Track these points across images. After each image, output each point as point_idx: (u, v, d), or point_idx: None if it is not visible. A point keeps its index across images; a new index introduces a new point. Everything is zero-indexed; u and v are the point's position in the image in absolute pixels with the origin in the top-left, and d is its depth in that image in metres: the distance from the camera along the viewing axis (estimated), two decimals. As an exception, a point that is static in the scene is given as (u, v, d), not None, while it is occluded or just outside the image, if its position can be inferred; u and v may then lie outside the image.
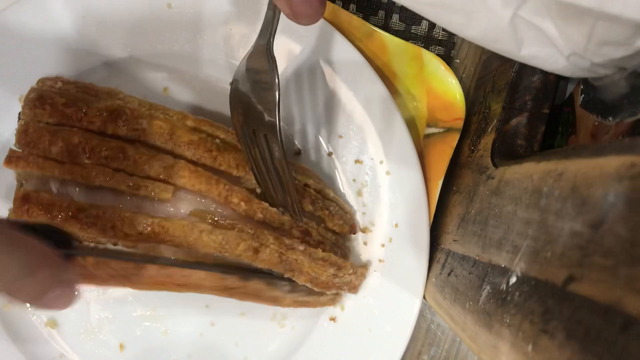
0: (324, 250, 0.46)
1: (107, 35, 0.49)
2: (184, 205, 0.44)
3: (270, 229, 0.45)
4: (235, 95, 0.41)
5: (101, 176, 0.41)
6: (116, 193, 0.43)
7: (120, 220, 0.41)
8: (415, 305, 0.49)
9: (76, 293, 0.34)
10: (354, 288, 0.48)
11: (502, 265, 0.32)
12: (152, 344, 0.51)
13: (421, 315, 0.55)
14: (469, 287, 0.37)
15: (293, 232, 0.45)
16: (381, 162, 0.50)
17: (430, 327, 0.55)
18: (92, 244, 0.43)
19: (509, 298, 0.29)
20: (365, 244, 0.50)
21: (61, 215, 0.40)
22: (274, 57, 0.40)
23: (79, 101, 0.43)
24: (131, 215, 0.41)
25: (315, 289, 0.46)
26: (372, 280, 0.50)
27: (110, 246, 0.43)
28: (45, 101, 0.42)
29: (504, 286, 0.30)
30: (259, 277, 0.45)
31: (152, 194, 0.42)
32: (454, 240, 0.45)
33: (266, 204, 0.44)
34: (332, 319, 0.49)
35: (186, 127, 0.44)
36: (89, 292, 0.51)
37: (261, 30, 0.41)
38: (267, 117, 0.39)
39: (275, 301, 0.46)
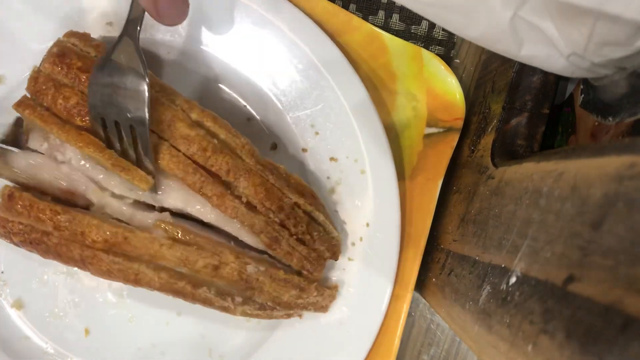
0: (290, 262, 0.45)
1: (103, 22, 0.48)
2: (169, 196, 0.45)
3: (232, 247, 0.45)
4: (98, 81, 0.41)
5: (92, 148, 0.42)
6: (102, 169, 0.44)
7: (89, 227, 0.42)
8: (382, 304, 0.49)
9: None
10: (322, 308, 0.48)
11: (502, 265, 0.32)
12: (118, 331, 0.51)
13: (421, 315, 0.55)
14: (469, 287, 0.37)
15: (262, 238, 0.44)
16: (356, 161, 0.50)
17: (430, 327, 0.55)
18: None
19: (509, 298, 0.29)
20: None
21: (39, 215, 0.42)
22: (143, 56, 0.41)
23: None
24: (99, 223, 0.42)
25: (278, 308, 0.46)
26: (341, 278, 0.50)
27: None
28: (64, 60, 0.43)
29: (504, 286, 0.30)
30: (207, 287, 0.44)
31: (132, 180, 0.42)
32: (454, 240, 0.45)
33: (238, 202, 0.44)
34: (299, 316, 0.49)
35: (187, 120, 0.44)
36: (56, 276, 0.51)
37: (127, 27, 0.41)
38: (133, 113, 0.41)
39: (225, 310, 0.46)
